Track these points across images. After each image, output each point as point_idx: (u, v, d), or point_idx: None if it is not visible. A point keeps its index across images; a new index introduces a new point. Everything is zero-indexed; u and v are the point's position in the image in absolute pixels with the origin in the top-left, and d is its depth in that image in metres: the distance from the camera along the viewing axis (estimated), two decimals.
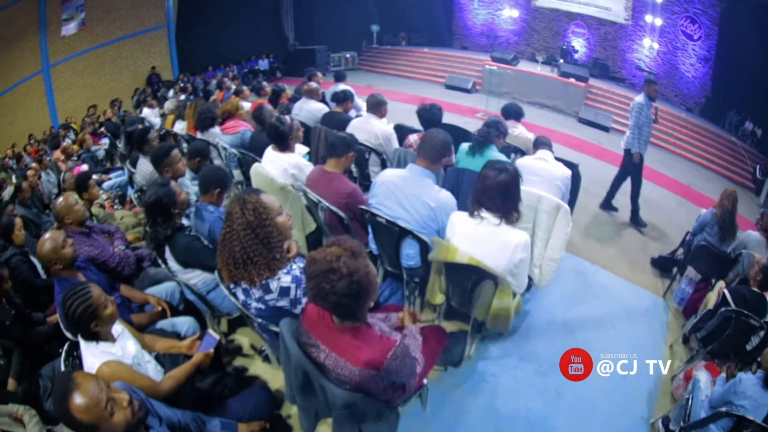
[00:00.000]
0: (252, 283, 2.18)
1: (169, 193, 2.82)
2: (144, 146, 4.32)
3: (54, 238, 2.57)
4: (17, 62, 12.65)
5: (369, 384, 1.82)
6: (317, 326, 1.89)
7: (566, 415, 3.12)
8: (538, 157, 3.85)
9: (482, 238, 2.60)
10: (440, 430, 2.92)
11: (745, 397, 2.67)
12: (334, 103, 5.73)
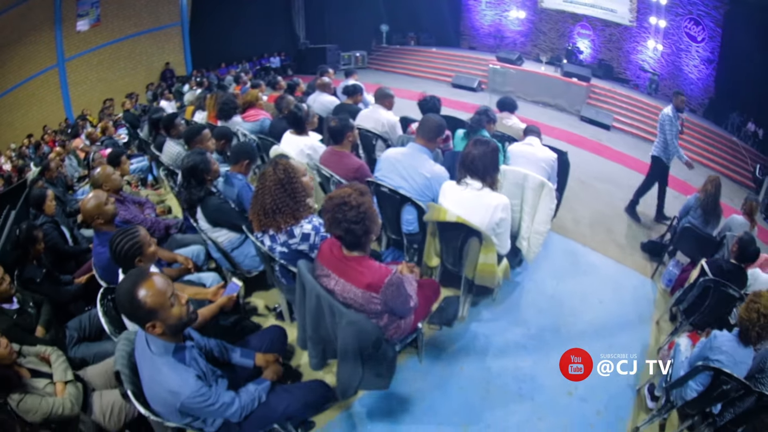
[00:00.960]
0: (279, 229, 2.70)
1: (205, 161, 3.29)
2: (171, 130, 4.85)
3: (98, 196, 3.03)
4: (32, 56, 13.14)
5: (370, 305, 2.28)
6: (329, 259, 2.36)
7: (553, 375, 3.37)
8: (526, 143, 4.30)
9: (467, 201, 3.07)
10: (435, 382, 3.30)
11: (720, 352, 2.86)
12: (345, 96, 6.21)
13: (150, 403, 1.98)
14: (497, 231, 3.08)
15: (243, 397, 2.17)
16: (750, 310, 2.77)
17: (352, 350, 2.34)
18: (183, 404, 1.87)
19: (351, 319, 2.24)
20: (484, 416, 3.08)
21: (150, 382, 1.93)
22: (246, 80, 9.06)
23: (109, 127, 7.81)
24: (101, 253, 2.92)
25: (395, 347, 2.74)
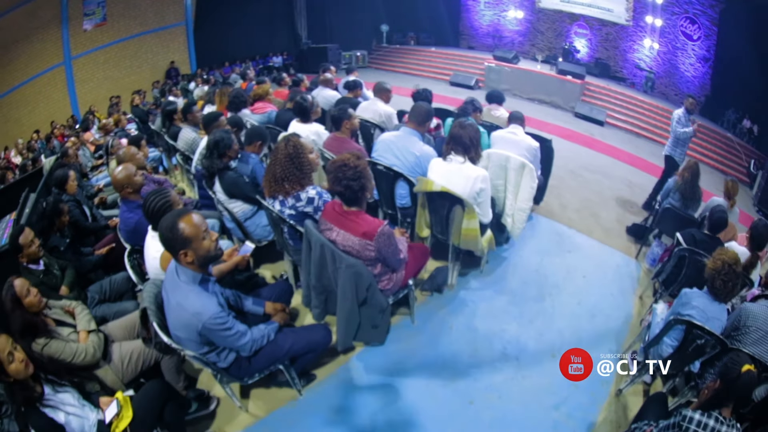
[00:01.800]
0: (286, 194, 3.16)
1: (229, 138, 3.78)
2: (189, 116, 5.43)
3: (128, 168, 3.47)
4: (39, 54, 13.50)
5: (365, 251, 2.75)
6: (331, 215, 2.85)
7: (536, 339, 3.83)
8: (509, 131, 4.71)
9: (451, 173, 3.54)
10: (426, 339, 3.70)
11: (691, 307, 3.08)
12: (346, 90, 6.68)
13: (174, 331, 2.41)
14: (478, 200, 3.53)
15: (254, 332, 2.59)
16: (716, 261, 3.03)
17: (351, 293, 2.77)
18: (204, 325, 2.28)
19: (349, 262, 2.69)
20: (472, 372, 3.46)
21: (176, 308, 2.34)
22: (252, 77, 9.56)
23: (122, 119, 8.28)
24: (128, 219, 3.38)
25: (389, 299, 3.16)
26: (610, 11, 14.06)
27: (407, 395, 3.23)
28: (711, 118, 12.79)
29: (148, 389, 2.59)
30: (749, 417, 2.93)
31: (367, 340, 3.37)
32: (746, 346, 2.98)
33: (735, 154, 11.78)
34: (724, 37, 12.41)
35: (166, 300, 2.42)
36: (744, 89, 11.97)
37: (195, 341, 2.37)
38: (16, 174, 10.29)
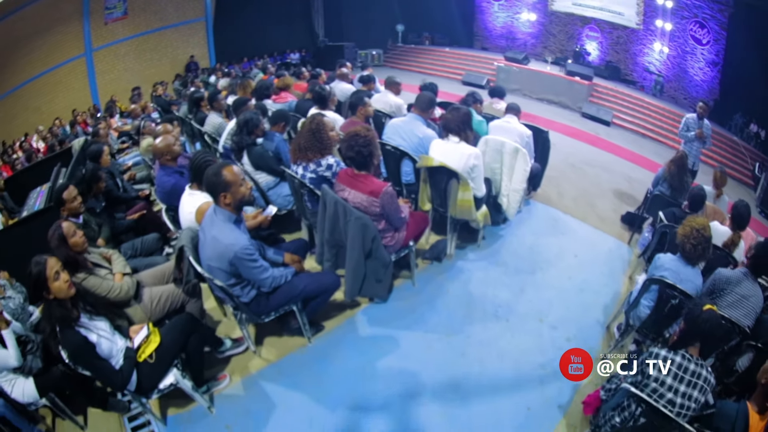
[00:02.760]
0: (309, 161, 3.75)
1: (258, 118, 4.40)
2: (215, 103, 6.03)
3: (168, 139, 4.07)
4: (60, 45, 14.03)
5: (371, 207, 3.28)
6: (344, 178, 3.41)
7: (526, 306, 4.27)
8: (504, 120, 5.21)
9: (448, 151, 4.07)
10: (424, 299, 4.19)
11: (664, 269, 3.35)
12: (361, 84, 7.26)
13: (208, 262, 2.94)
14: (472, 175, 4.04)
15: (275, 271, 3.12)
16: (685, 227, 3.32)
17: (358, 244, 3.29)
18: (236, 254, 2.81)
19: (357, 215, 3.22)
20: (465, 329, 3.93)
21: (212, 241, 2.86)
22: (272, 71, 10.23)
23: (148, 106, 8.88)
24: (166, 182, 3.98)
25: (391, 257, 3.66)
26: (621, 15, 14.27)
27: (405, 346, 3.71)
28: (719, 122, 12.79)
29: (177, 321, 3.10)
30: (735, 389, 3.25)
31: (372, 295, 3.86)
32: (722, 309, 3.23)
33: (741, 157, 12.01)
34: (732, 41, 12.52)
35: (202, 238, 2.95)
36: (751, 94, 12.11)
37: (225, 271, 2.89)
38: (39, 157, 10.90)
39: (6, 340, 2.89)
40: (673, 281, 3.25)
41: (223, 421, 3.18)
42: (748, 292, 3.33)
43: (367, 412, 3.19)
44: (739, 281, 3.35)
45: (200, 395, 3.13)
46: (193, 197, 3.48)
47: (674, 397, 2.49)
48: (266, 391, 3.37)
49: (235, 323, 3.79)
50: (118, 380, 2.74)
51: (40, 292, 2.57)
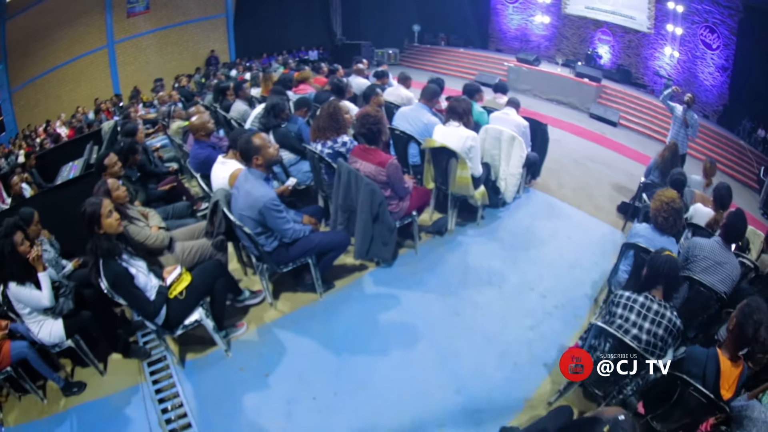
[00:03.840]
0: (326, 139, 4.31)
1: (284, 102, 5.03)
2: (240, 92, 6.72)
3: (203, 117, 4.68)
4: (83, 37, 14.70)
5: (379, 176, 3.83)
6: (357, 152, 4.01)
7: (519, 275, 4.74)
8: (503, 112, 5.70)
9: (449, 134, 4.61)
10: (425, 266, 4.70)
11: (639, 236, 3.63)
12: (375, 78, 7.91)
13: (240, 212, 3.49)
14: (470, 155, 4.58)
15: (296, 225, 3.68)
16: (656, 201, 3.57)
17: (367, 207, 3.83)
18: (264, 204, 3.37)
19: (367, 182, 3.78)
20: (460, 292, 4.42)
21: (246, 194, 3.44)
22: (292, 66, 10.92)
23: (173, 94, 9.48)
24: (200, 154, 4.60)
25: (396, 223, 4.21)
26: (632, 19, 14.59)
27: (406, 303, 4.23)
28: (728, 127, 13.14)
29: (206, 265, 3.64)
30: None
31: (378, 256, 4.39)
32: (696, 274, 3.54)
33: (747, 161, 12.29)
34: (742, 46, 12.70)
35: (235, 193, 3.53)
36: (759, 99, 12.32)
37: (254, 220, 3.44)
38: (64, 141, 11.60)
39: (42, 282, 3.31)
40: (647, 246, 3.51)
41: (237, 363, 3.66)
42: (722, 258, 3.58)
43: (368, 357, 3.69)
44: (713, 248, 3.63)
45: (219, 338, 3.64)
46: (226, 165, 4.06)
47: (639, 333, 2.80)
48: (279, 338, 3.89)
49: (254, 281, 4.37)
50: (150, 309, 3.21)
51: (92, 227, 3.05)
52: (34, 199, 5.23)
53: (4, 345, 3.44)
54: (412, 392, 3.41)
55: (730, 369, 2.66)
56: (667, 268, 2.84)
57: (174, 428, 3.26)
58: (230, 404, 3.40)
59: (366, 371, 3.58)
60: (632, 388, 2.88)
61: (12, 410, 3.64)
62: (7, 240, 3.18)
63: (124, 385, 3.65)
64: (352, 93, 6.72)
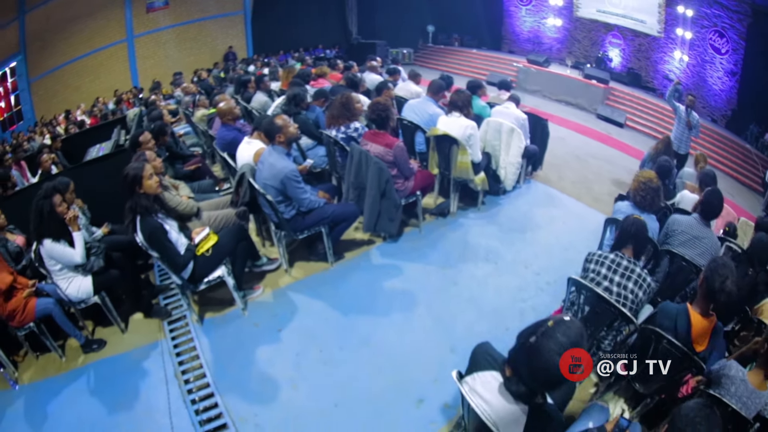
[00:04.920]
0: (340, 125, 4.82)
1: (304, 92, 5.61)
2: (261, 84, 7.33)
3: (230, 102, 5.25)
4: (102, 30, 15.32)
5: (386, 157, 4.34)
6: (368, 135, 4.53)
7: (514, 255, 5.17)
8: (504, 106, 6.20)
9: (451, 123, 5.10)
10: (428, 242, 5.18)
11: (621, 213, 3.89)
12: (387, 74, 8.49)
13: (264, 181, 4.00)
14: (469, 142, 5.07)
15: (312, 196, 4.18)
16: (635, 181, 3.92)
17: (375, 184, 4.33)
18: (286, 175, 3.89)
19: (375, 161, 4.27)
20: (459, 265, 4.89)
21: (269, 166, 3.97)
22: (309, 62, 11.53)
23: (194, 86, 10.06)
24: (226, 136, 5.17)
25: (401, 200, 4.70)
26: (643, 23, 14.84)
27: (409, 273, 4.70)
28: (736, 132, 13.28)
29: (231, 228, 4.15)
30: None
31: (384, 231, 4.87)
32: (675, 248, 3.81)
33: (752, 164, 12.49)
34: (751, 51, 12.80)
35: (260, 167, 4.07)
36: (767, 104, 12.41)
37: (276, 189, 3.96)
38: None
39: (75, 240, 3.68)
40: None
41: (252, 320, 4.14)
42: (700, 233, 3.84)
43: (372, 318, 4.17)
44: (690, 224, 3.90)
45: (238, 296, 4.13)
46: (251, 144, 4.62)
47: (610, 285, 3.08)
48: (292, 300, 4.38)
49: (272, 251, 4.89)
50: (180, 261, 3.66)
51: (134, 187, 3.49)
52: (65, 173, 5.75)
53: (30, 301, 3.77)
54: (411, 349, 3.84)
55: (701, 322, 2.85)
56: (635, 228, 3.17)
57: (188, 378, 3.63)
58: (243, 355, 3.82)
59: (369, 330, 4.04)
60: (609, 342, 3.16)
61: (28, 369, 3.98)
62: (46, 201, 3.58)
63: (144, 341, 4.06)
64: (366, 87, 7.30)
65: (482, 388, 2.01)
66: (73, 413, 3.53)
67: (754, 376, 2.69)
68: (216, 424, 3.27)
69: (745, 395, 2.63)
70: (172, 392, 3.56)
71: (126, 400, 3.57)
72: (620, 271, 3.11)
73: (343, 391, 3.49)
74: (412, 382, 3.54)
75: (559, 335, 1.70)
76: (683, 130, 8.04)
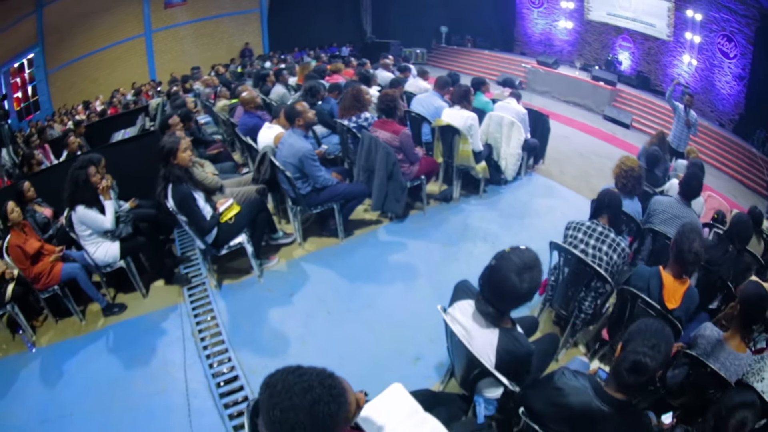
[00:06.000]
0: (352, 115, 5.35)
1: (321, 85, 6.17)
2: (280, 77, 7.90)
3: (252, 92, 5.79)
4: (120, 25, 15.90)
5: (393, 142, 4.86)
6: (377, 123, 5.07)
7: (511, 237, 5.60)
8: (505, 102, 6.64)
9: (453, 115, 5.62)
10: (431, 224, 5.67)
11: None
12: (399, 72, 9.03)
13: (284, 159, 4.52)
14: (470, 132, 5.58)
15: (326, 174, 4.70)
16: (617, 168, 4.22)
17: (383, 166, 4.84)
18: (304, 154, 4.42)
19: (384, 146, 4.79)
20: (459, 244, 5.38)
21: (289, 146, 4.50)
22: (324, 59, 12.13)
23: (215, 78, 10.63)
24: (248, 122, 5.72)
25: (407, 183, 5.22)
26: (652, 26, 15.07)
27: (412, 249, 5.20)
28: (743, 137, 13.37)
29: (253, 200, 4.66)
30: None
31: (391, 210, 5.41)
32: (657, 226, 4.10)
33: (758, 168, 12.60)
34: (759, 56, 12.94)
35: (281, 147, 4.61)
36: None
37: (294, 166, 4.49)
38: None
39: (107, 208, 4.11)
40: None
41: (266, 286, 4.62)
42: (681, 213, 4.11)
43: (377, 286, 4.66)
44: (670, 203, 4.21)
45: (255, 263, 4.61)
46: (272, 128, 5.20)
47: (586, 248, 3.44)
48: (304, 269, 4.89)
49: (287, 228, 5.40)
50: (206, 226, 4.11)
51: (168, 158, 3.96)
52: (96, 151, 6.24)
53: (56, 265, 4.16)
54: (410, 313, 4.26)
55: (673, 283, 3.06)
56: (608, 198, 3.54)
57: (204, 336, 4.04)
58: (257, 316, 4.27)
59: (374, 296, 4.53)
60: (589, 305, 3.50)
61: (46, 333, 4.33)
62: (82, 171, 4.00)
63: (164, 305, 4.49)
64: (377, 83, 7.87)
65: (461, 315, 2.47)
66: (88, 371, 3.89)
67: (731, 338, 2.89)
68: (228, 376, 3.66)
69: (722, 356, 2.83)
70: (189, 349, 3.97)
71: (143, 356, 3.95)
72: (595, 235, 3.47)
73: (348, 348, 3.92)
74: (410, 342, 3.94)
75: (513, 257, 2.17)
76: (682, 129, 8.49)
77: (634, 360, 1.86)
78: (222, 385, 3.59)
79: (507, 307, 2.34)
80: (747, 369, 2.79)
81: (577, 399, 2.02)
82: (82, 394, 3.67)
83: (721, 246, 4.04)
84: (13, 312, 4.13)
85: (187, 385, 3.65)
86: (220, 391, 3.54)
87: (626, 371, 1.88)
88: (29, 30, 14.10)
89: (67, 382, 3.81)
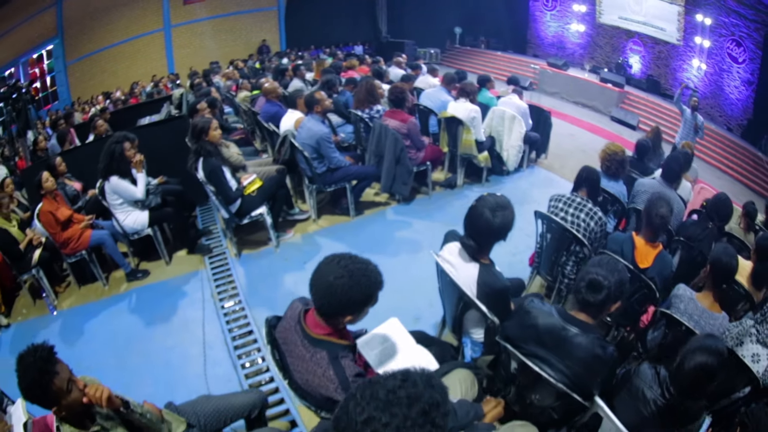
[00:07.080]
0: (365, 107, 5.95)
1: (335, 79, 6.78)
2: (298, 72, 8.61)
3: (273, 83, 6.44)
4: (140, 19, 16.65)
5: (401, 130, 5.48)
6: (387, 113, 5.68)
7: None
8: (508, 97, 7.28)
9: (458, 107, 6.21)
10: (436, 207, 6.25)
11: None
12: (410, 69, 9.59)
13: (303, 141, 5.13)
14: (473, 124, 6.17)
15: (340, 156, 5.31)
16: (603, 152, 4.49)
17: (391, 151, 5.45)
18: (321, 136, 5.04)
19: (392, 132, 5.40)
20: (461, 225, 5.50)
21: (308, 130, 5.12)
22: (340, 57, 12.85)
23: (234, 73, 11.29)
24: (270, 110, 6.33)
25: (413, 168, 5.81)
26: (663, 30, 15.46)
27: (417, 228, 5.78)
28: (752, 142, 13.58)
29: (274, 177, 5.23)
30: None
31: (399, 192, 6.03)
32: (640, 205, 4.18)
33: (763, 172, 12.82)
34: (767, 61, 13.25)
35: (300, 130, 5.24)
36: None
37: (312, 147, 5.11)
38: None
39: (138, 180, 4.58)
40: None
41: (282, 256, 5.19)
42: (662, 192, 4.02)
43: (384, 257, 5.03)
44: (653, 185, 4.46)
45: (273, 234, 5.19)
46: (293, 114, 5.84)
47: (565, 216, 3.80)
48: (318, 242, 5.50)
49: (303, 207, 5.98)
50: (232, 195, 4.67)
51: (200, 135, 4.61)
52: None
53: (85, 232, 4.54)
54: (413, 282, 4.57)
55: (644, 246, 3.35)
56: (586, 173, 3.93)
57: (223, 297, 4.51)
58: (273, 281, 4.77)
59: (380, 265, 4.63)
60: (571, 269, 3.87)
61: (69, 297, 4.70)
62: (118, 145, 4.47)
63: (185, 271, 5.00)
64: (389, 79, 8.50)
65: (449, 255, 3.04)
66: (109, 329, 4.26)
67: (704, 297, 3.08)
68: (243, 330, 4.14)
69: (696, 314, 3.02)
70: (208, 308, 4.44)
71: (163, 315, 4.37)
72: (574, 205, 3.85)
73: None
74: (411, 305, 4.34)
75: (489, 198, 2.75)
76: (689, 131, 8.92)
77: (590, 279, 2.22)
78: (237, 339, 4.06)
79: (483, 240, 2.80)
80: (725, 332, 2.97)
81: (545, 320, 2.34)
82: (100, 351, 4.04)
83: (701, 222, 4.37)
84: (38, 275, 4.53)
85: (204, 338, 4.10)
86: (235, 344, 4.00)
87: (584, 288, 2.24)
88: (49, 22, 14.84)
89: (87, 340, 4.21)
